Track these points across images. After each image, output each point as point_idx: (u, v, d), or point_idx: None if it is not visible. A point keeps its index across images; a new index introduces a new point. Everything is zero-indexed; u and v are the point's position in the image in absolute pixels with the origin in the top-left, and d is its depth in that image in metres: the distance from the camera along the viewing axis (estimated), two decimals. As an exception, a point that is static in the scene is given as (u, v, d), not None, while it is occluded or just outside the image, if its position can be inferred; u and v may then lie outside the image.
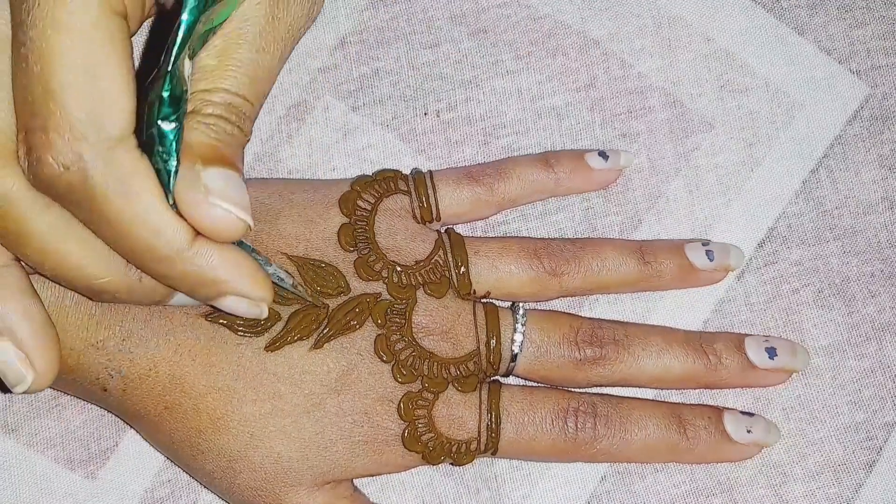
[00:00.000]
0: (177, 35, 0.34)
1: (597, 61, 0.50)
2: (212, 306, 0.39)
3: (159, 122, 0.34)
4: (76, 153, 0.33)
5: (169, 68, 0.34)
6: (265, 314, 0.39)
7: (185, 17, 0.34)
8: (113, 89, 0.33)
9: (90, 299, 0.39)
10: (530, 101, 0.49)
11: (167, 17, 0.40)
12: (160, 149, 0.34)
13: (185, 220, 0.35)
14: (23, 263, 0.38)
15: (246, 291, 0.37)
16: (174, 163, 0.34)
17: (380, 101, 0.49)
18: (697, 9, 0.50)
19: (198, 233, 0.35)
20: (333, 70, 0.49)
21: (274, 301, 0.42)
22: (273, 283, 0.40)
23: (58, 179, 0.33)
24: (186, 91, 0.35)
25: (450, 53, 0.49)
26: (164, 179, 0.34)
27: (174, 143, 0.34)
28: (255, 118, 0.37)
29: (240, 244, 0.38)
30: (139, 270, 0.37)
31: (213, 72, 0.36)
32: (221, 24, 0.36)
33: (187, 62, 0.35)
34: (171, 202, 0.35)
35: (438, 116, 0.49)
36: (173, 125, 0.34)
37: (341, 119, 0.49)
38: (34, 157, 0.33)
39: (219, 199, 0.35)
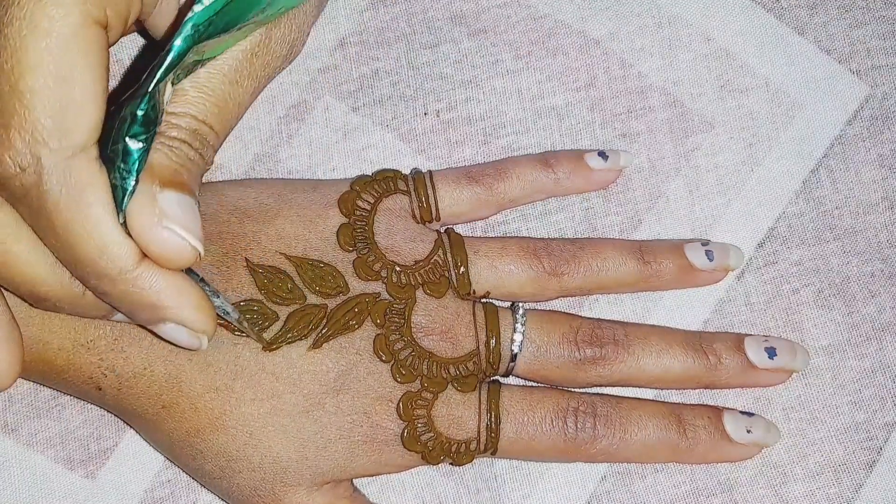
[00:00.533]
0: (165, 58, 0.34)
1: (597, 61, 0.50)
2: (151, 331, 0.38)
3: (127, 138, 0.34)
4: (34, 156, 0.33)
5: (150, 88, 0.34)
6: (205, 346, 0.38)
7: (178, 42, 0.34)
8: (83, 99, 0.33)
9: (31, 305, 0.38)
10: (530, 101, 0.49)
11: (156, 44, 0.40)
12: (122, 165, 0.34)
13: (135, 240, 0.34)
14: None
15: (187, 320, 0.37)
16: (132, 181, 0.34)
17: (380, 102, 0.49)
18: (697, 9, 0.50)
19: (146, 255, 0.35)
20: (333, 70, 0.49)
21: (272, 301, 0.43)
22: (218, 315, 0.39)
23: (11, 180, 0.33)
24: (161, 115, 0.35)
25: (450, 53, 0.49)
26: (119, 197, 0.34)
27: (137, 163, 0.34)
28: (218, 148, 0.37)
29: (188, 272, 0.37)
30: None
31: (184, 97, 0.36)
32: (210, 59, 0.36)
33: (169, 88, 0.35)
34: (121, 221, 0.34)
35: (438, 116, 0.49)
36: (140, 145, 0.34)
37: (341, 119, 0.49)
38: None
39: (172, 224, 0.34)
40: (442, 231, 0.46)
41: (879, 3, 0.50)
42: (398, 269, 0.44)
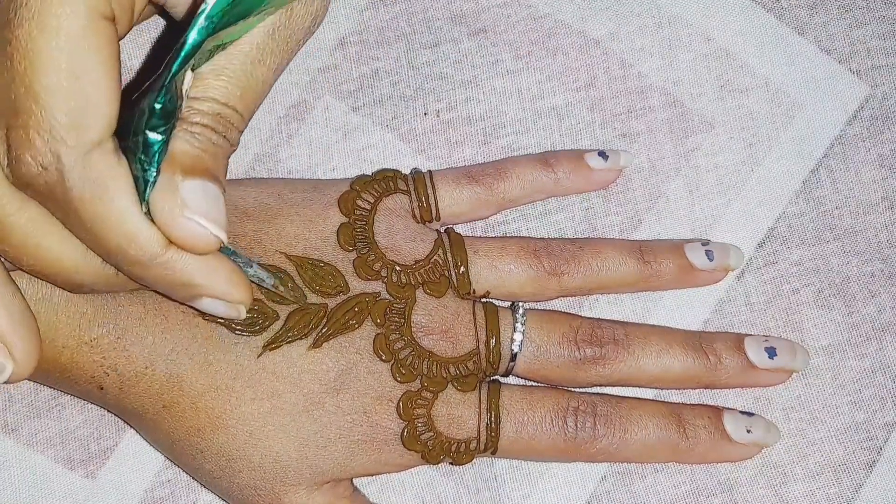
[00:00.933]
0: (180, 51, 0.34)
1: (597, 61, 0.50)
2: (191, 307, 0.39)
3: (147, 131, 0.34)
4: (55, 154, 0.33)
5: (166, 82, 0.34)
6: (243, 316, 0.39)
7: (192, 36, 0.34)
8: (96, 94, 0.33)
9: (69, 291, 0.39)
10: (530, 101, 0.49)
11: (177, 26, 0.40)
12: (142, 157, 0.34)
13: (160, 230, 0.35)
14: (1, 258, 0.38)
15: (222, 294, 0.37)
16: (154, 172, 0.34)
17: (380, 102, 0.49)
18: (697, 9, 0.50)
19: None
20: (333, 70, 0.49)
21: (272, 301, 0.43)
22: (254, 283, 0.40)
23: (36, 179, 0.34)
24: (180, 106, 0.35)
25: (450, 53, 0.49)
26: (141, 187, 0.34)
27: (157, 155, 0.34)
28: (244, 128, 0.37)
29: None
30: None
31: (205, 81, 0.36)
32: (231, 42, 0.36)
33: (189, 74, 0.35)
34: (144, 210, 0.34)
35: (438, 116, 0.49)
36: (160, 136, 0.34)
37: (341, 119, 0.49)
38: (13, 155, 0.34)
39: (193, 214, 0.34)
40: (442, 231, 0.46)
41: (879, 3, 0.50)
42: (398, 268, 0.44)
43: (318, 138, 0.49)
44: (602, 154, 0.48)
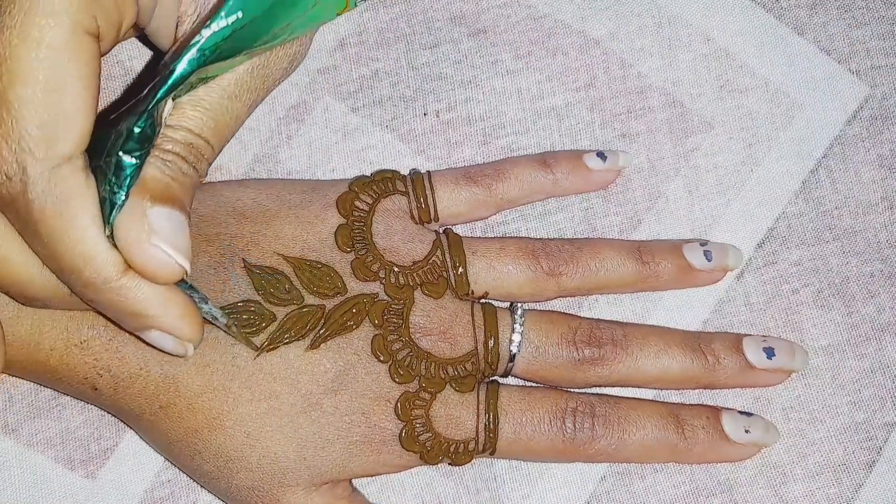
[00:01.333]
0: (167, 79, 0.34)
1: (597, 61, 0.50)
2: (138, 337, 0.38)
3: (121, 153, 0.34)
4: (21, 165, 0.33)
5: (149, 107, 0.34)
6: (191, 354, 0.38)
7: (182, 65, 0.34)
8: (72, 109, 0.33)
9: (22, 304, 0.38)
10: (530, 101, 0.49)
11: (160, 54, 0.40)
12: (113, 179, 0.34)
13: (122, 254, 0.34)
14: None
15: (173, 329, 0.37)
16: (122, 196, 0.34)
17: (379, 102, 0.49)
18: (697, 9, 0.50)
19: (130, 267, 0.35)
20: (333, 71, 0.49)
21: (269, 302, 0.43)
22: (207, 321, 0.39)
23: None
24: (158, 133, 0.35)
25: (450, 53, 0.49)
26: (107, 210, 0.34)
27: (129, 178, 0.34)
28: (213, 161, 0.37)
29: None
30: None
31: (181, 110, 0.36)
32: (215, 77, 0.36)
33: (169, 102, 0.35)
34: (107, 233, 0.34)
35: (438, 117, 0.49)
36: (134, 161, 0.34)
37: (341, 120, 0.49)
38: None
39: (160, 241, 0.34)
40: (440, 232, 0.46)
41: (879, 3, 0.50)
42: (396, 269, 0.44)
43: (318, 139, 0.49)
44: (601, 155, 0.48)
